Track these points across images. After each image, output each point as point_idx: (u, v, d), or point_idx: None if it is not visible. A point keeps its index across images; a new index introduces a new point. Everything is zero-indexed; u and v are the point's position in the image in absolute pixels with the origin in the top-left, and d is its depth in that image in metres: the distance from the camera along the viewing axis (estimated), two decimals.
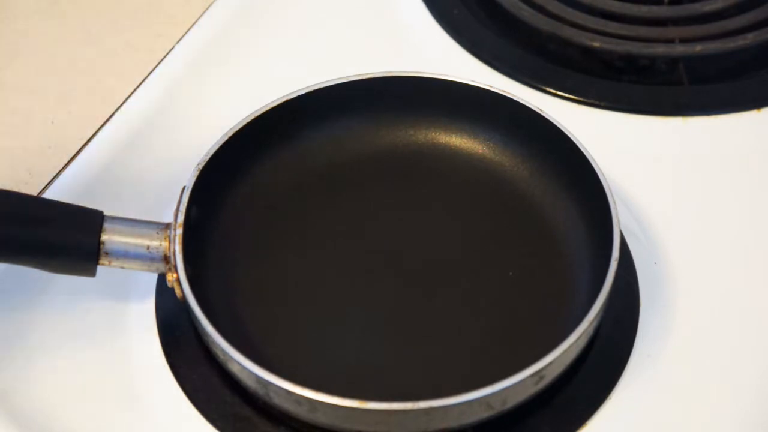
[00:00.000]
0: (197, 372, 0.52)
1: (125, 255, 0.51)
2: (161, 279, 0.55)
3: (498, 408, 0.47)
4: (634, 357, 0.53)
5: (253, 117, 0.57)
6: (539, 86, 0.67)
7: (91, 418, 0.51)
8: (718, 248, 0.59)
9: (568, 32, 0.70)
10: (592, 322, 0.48)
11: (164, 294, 0.55)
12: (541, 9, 0.72)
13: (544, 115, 0.57)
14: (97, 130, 0.65)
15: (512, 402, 0.47)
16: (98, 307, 0.55)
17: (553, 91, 0.67)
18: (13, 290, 0.56)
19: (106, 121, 0.66)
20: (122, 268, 0.52)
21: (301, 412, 0.47)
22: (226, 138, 0.56)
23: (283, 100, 0.58)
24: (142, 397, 0.52)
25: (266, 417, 0.50)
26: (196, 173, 0.54)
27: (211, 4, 0.74)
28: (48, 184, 0.62)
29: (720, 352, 0.53)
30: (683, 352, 0.53)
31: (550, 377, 0.48)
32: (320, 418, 0.47)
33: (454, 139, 0.61)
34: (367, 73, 0.60)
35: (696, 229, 0.59)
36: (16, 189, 0.52)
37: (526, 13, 0.72)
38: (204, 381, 0.51)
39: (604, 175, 0.54)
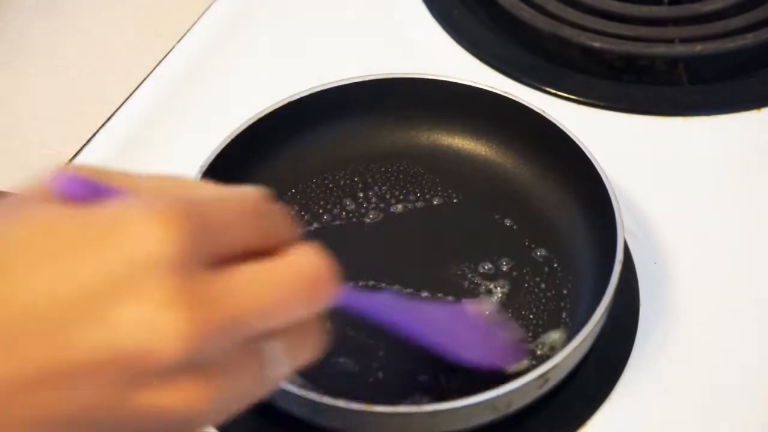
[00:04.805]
0: None
1: None
2: None
3: (503, 410, 0.47)
4: (634, 357, 0.53)
5: (255, 119, 0.57)
6: (539, 86, 0.67)
7: None
8: (718, 248, 0.59)
9: (568, 32, 0.70)
10: (596, 325, 0.48)
11: None
12: (541, 9, 0.72)
13: (547, 116, 0.57)
14: (97, 130, 0.65)
15: (517, 404, 0.47)
16: None
17: (553, 92, 0.67)
18: None
19: (106, 121, 0.66)
20: None
21: (304, 414, 0.47)
22: (229, 140, 0.55)
23: (285, 102, 0.58)
24: None
25: (266, 417, 0.50)
26: (199, 175, 0.54)
27: (211, 5, 0.74)
28: None
29: (720, 352, 0.54)
30: (683, 352, 0.53)
31: (554, 380, 0.48)
32: (324, 421, 0.47)
33: (456, 140, 0.61)
34: (369, 75, 0.60)
35: (696, 229, 0.59)
36: (15, 189, 0.52)
37: (526, 13, 0.72)
38: None
39: (608, 177, 0.54)
